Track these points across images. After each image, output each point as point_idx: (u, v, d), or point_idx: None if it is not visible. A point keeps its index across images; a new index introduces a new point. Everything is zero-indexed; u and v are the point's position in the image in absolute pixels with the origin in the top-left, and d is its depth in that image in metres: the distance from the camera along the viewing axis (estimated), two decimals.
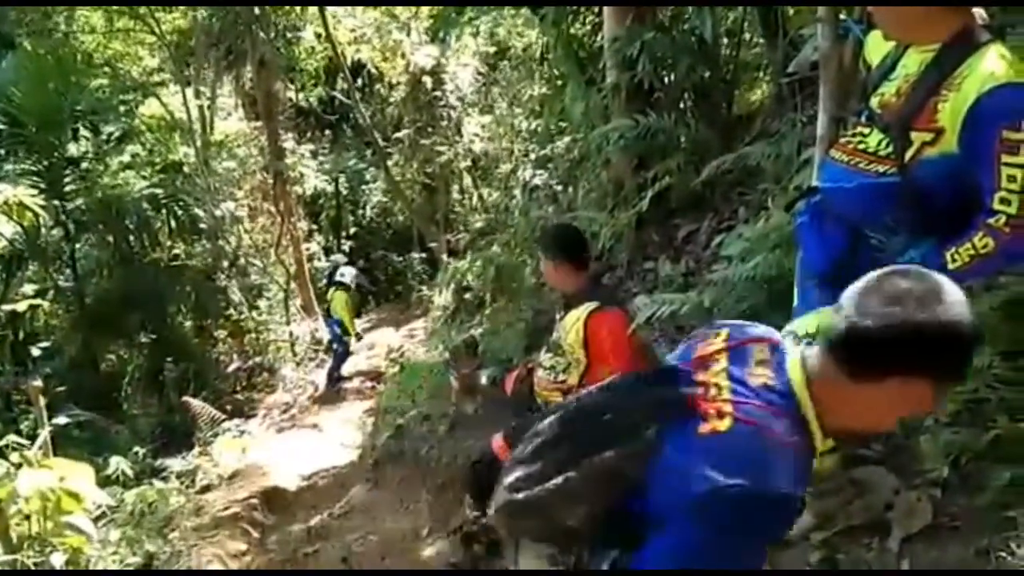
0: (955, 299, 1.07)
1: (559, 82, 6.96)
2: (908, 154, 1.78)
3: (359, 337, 10.73)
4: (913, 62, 1.82)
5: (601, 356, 3.19)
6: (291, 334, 12.00)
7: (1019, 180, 1.61)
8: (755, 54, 5.62)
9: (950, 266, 1.69)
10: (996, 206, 1.65)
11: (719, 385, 1.19)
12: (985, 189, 1.66)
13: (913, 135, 1.77)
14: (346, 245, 17.43)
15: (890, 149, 1.83)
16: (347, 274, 10.47)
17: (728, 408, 1.15)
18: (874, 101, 1.93)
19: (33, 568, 3.34)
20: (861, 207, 1.94)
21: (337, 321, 10.29)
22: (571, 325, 3.19)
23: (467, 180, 14.27)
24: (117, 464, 5.65)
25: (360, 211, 19.81)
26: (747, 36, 5.37)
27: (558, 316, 3.41)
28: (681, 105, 5.00)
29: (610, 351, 3.17)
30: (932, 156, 1.75)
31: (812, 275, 2.14)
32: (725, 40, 5.21)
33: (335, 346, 10.47)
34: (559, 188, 6.81)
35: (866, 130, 1.93)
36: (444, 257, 12.70)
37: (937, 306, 1.05)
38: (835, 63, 2.71)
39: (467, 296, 7.67)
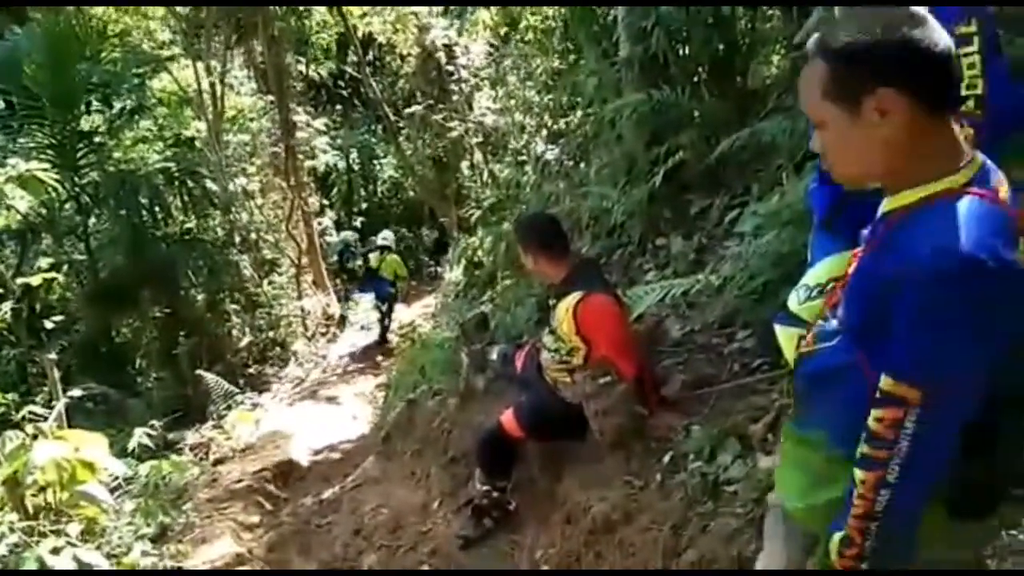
0: None
1: (572, 56, 6.88)
2: None
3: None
4: None
5: (595, 342, 3.20)
6: (303, 309, 12.07)
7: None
8: (771, 27, 5.52)
9: None
10: None
11: None
12: None
13: None
14: (357, 220, 17.45)
15: None
16: (389, 237, 11.70)
17: None
18: None
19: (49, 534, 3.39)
20: None
21: (390, 282, 11.01)
22: (562, 316, 3.20)
23: (478, 155, 14.20)
24: (138, 436, 5.70)
25: (371, 186, 19.82)
26: (763, 8, 5.27)
27: (551, 304, 3.40)
28: (695, 79, 4.92)
29: (602, 337, 3.19)
30: None
31: (816, 227, 2.14)
32: (740, 12, 5.12)
33: (383, 306, 11.17)
34: (571, 163, 6.75)
35: None
36: (455, 232, 12.68)
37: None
38: None
39: (478, 272, 7.65)
